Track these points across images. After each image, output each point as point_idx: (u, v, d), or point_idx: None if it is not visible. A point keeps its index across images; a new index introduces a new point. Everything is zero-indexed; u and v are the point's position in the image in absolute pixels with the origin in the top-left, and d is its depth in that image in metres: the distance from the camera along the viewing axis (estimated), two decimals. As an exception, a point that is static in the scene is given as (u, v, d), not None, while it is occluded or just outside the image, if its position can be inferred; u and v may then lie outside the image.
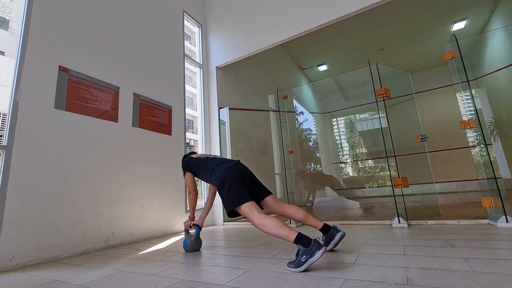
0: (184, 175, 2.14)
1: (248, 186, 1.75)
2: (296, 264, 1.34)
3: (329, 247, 1.70)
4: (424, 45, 6.83)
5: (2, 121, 4.14)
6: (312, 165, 7.81)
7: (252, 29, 4.09)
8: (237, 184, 1.68)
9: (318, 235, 1.54)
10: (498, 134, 6.20)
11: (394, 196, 2.71)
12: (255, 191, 1.82)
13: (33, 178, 2.04)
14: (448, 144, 6.80)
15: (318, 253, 1.28)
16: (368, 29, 5.96)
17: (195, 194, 2.10)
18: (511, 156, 5.99)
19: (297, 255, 1.37)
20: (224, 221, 3.86)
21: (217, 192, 2.25)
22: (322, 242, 1.64)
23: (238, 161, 1.90)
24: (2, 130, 2.10)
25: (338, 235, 1.68)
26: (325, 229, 1.72)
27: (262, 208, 1.78)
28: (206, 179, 1.99)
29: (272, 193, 1.89)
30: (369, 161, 8.87)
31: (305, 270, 1.32)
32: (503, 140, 6.14)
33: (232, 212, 1.68)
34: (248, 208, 1.59)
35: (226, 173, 1.75)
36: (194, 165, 2.08)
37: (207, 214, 2.21)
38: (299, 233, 1.39)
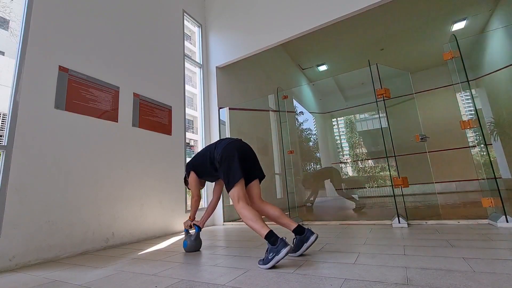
0: (188, 177, 2.11)
1: (245, 164, 1.76)
2: (264, 261, 1.43)
3: (301, 250, 1.60)
4: (424, 45, 6.83)
5: (2, 121, 4.13)
6: (312, 165, 7.81)
7: (252, 29, 4.09)
8: (235, 160, 1.70)
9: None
10: (498, 134, 6.20)
11: (394, 196, 2.71)
12: (251, 170, 1.82)
13: (33, 178, 2.04)
14: (448, 144, 6.80)
15: (283, 251, 1.36)
16: (368, 29, 5.96)
17: (198, 199, 2.11)
18: (511, 156, 5.99)
19: (266, 252, 1.44)
20: (224, 221, 3.86)
21: (221, 195, 2.25)
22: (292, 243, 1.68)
23: (240, 139, 1.92)
24: (2, 130, 2.10)
25: (312, 238, 1.59)
26: (299, 231, 1.63)
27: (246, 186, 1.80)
28: (207, 168, 1.94)
29: (264, 177, 1.89)
30: (369, 161, 8.87)
31: (273, 267, 1.41)
32: (503, 140, 6.14)
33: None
34: (237, 194, 1.64)
35: (226, 149, 1.77)
36: (197, 158, 2.06)
37: (209, 217, 2.20)
38: (270, 231, 1.45)
